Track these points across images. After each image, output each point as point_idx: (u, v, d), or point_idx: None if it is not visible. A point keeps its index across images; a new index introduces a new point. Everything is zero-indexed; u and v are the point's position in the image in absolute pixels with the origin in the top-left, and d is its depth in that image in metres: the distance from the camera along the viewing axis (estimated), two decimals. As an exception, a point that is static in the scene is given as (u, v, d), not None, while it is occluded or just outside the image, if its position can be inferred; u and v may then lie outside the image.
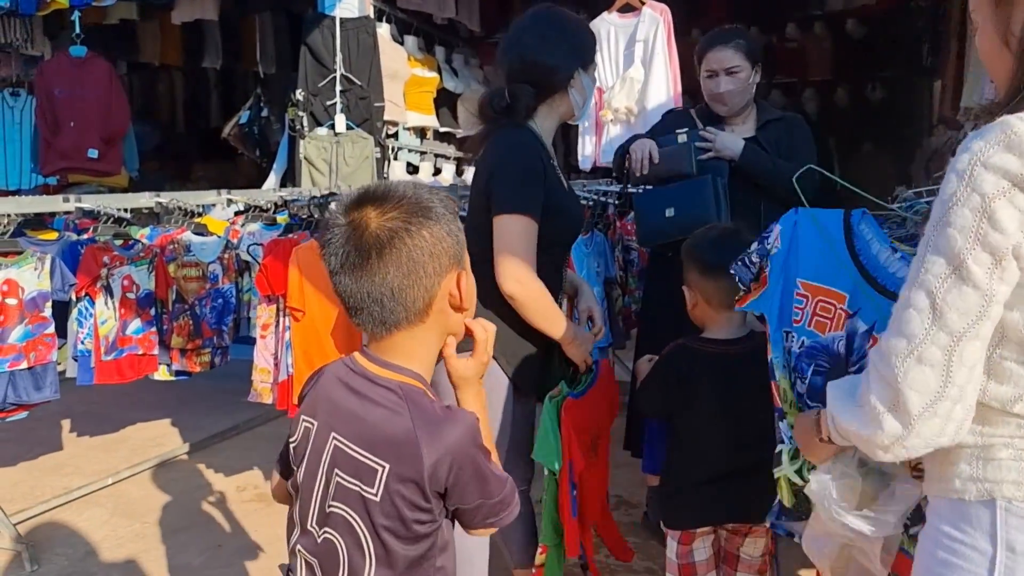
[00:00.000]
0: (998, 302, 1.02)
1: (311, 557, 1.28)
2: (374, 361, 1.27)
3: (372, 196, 1.24)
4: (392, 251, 1.20)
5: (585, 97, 2.19)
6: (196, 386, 4.49)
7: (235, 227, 4.05)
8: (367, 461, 1.22)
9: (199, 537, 3.43)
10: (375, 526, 1.22)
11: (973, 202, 1.01)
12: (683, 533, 2.14)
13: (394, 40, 5.82)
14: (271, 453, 1.54)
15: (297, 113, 5.40)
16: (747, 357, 2.08)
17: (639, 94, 4.07)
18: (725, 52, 2.86)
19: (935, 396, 1.03)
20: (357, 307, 1.23)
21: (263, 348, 3.22)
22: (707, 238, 2.17)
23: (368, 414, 1.24)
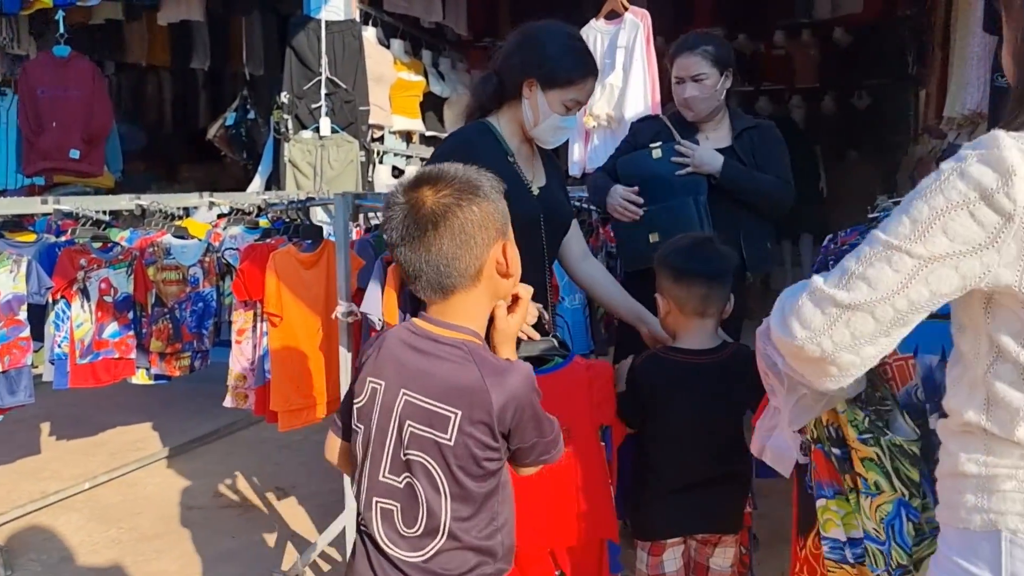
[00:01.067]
0: (909, 298, 1.05)
1: (390, 503, 1.43)
2: (435, 323, 1.43)
3: (427, 177, 1.42)
4: (446, 224, 1.37)
5: (538, 117, 2.17)
6: (177, 390, 4.47)
7: (217, 230, 4.04)
8: (439, 410, 1.38)
9: (176, 543, 3.41)
10: (450, 467, 1.38)
11: (936, 202, 1.03)
12: (653, 544, 2.13)
13: (380, 43, 5.82)
14: (251, 458, 1.61)
15: (282, 116, 5.39)
16: (718, 368, 2.08)
17: (617, 100, 4.07)
18: (691, 59, 2.85)
19: (811, 336, 1.11)
20: (416, 274, 1.41)
21: (239, 353, 3.21)
22: (680, 246, 2.17)
23: (437, 369, 1.40)
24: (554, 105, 2.15)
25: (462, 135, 2.25)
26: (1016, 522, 1.06)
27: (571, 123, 2.23)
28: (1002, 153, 0.99)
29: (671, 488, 2.09)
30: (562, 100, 2.16)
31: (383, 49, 5.82)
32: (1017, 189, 0.98)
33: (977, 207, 1.00)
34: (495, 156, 2.15)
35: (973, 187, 1.00)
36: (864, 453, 1.59)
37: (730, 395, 2.07)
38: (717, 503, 2.13)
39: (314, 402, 3.07)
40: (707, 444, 2.09)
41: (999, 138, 1.01)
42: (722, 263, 2.14)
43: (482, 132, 2.21)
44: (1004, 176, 0.99)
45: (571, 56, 2.17)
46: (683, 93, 2.89)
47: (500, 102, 2.23)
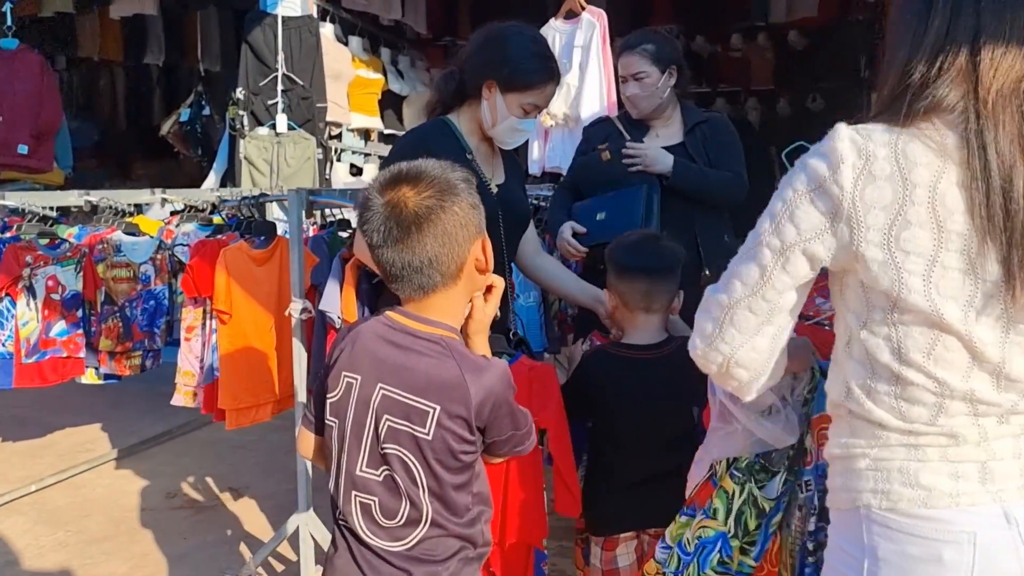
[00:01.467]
0: (774, 288, 1.13)
1: (369, 497, 1.44)
2: (412, 318, 1.45)
3: (406, 177, 1.42)
4: (430, 225, 1.39)
5: (495, 120, 2.16)
6: (128, 390, 4.38)
7: (169, 227, 3.97)
8: (418, 405, 1.40)
9: (125, 545, 3.35)
10: (427, 460, 1.41)
11: (786, 195, 1.13)
12: (607, 539, 2.14)
13: (338, 40, 5.77)
14: (205, 458, 1.61)
15: (237, 112, 5.32)
16: (663, 363, 2.10)
17: (574, 99, 4.09)
18: (631, 57, 2.88)
19: (708, 343, 1.19)
20: (398, 275, 1.42)
21: (187, 351, 3.16)
22: (626, 242, 2.19)
23: (416, 364, 1.41)
24: (512, 108, 2.15)
25: (421, 132, 2.25)
26: (869, 498, 1.12)
27: (529, 126, 2.23)
28: (835, 144, 1.08)
29: (624, 483, 2.11)
30: (520, 103, 2.15)
31: (341, 46, 5.77)
32: (844, 176, 1.07)
33: (815, 195, 1.09)
34: (454, 153, 2.12)
35: (811, 177, 1.10)
36: (726, 484, 1.73)
37: (676, 389, 2.09)
38: (669, 496, 2.14)
39: (263, 401, 3.04)
40: (657, 438, 2.11)
41: (837, 130, 1.10)
42: (664, 259, 2.16)
43: (441, 129, 2.21)
44: (834, 166, 1.08)
45: (532, 60, 2.16)
46: (626, 91, 2.92)
47: (461, 100, 2.24)
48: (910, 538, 1.08)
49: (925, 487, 1.08)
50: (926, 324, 1.07)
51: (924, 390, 1.09)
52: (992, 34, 1.05)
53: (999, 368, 1.07)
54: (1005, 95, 1.05)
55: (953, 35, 1.07)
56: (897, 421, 1.11)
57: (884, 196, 1.06)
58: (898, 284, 1.07)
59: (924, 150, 1.06)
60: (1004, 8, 1.06)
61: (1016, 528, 1.06)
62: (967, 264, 1.05)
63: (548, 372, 2.16)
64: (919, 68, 1.09)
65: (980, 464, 1.08)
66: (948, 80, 1.07)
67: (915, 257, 1.05)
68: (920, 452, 1.10)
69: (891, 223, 1.06)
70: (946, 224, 1.04)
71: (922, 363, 1.08)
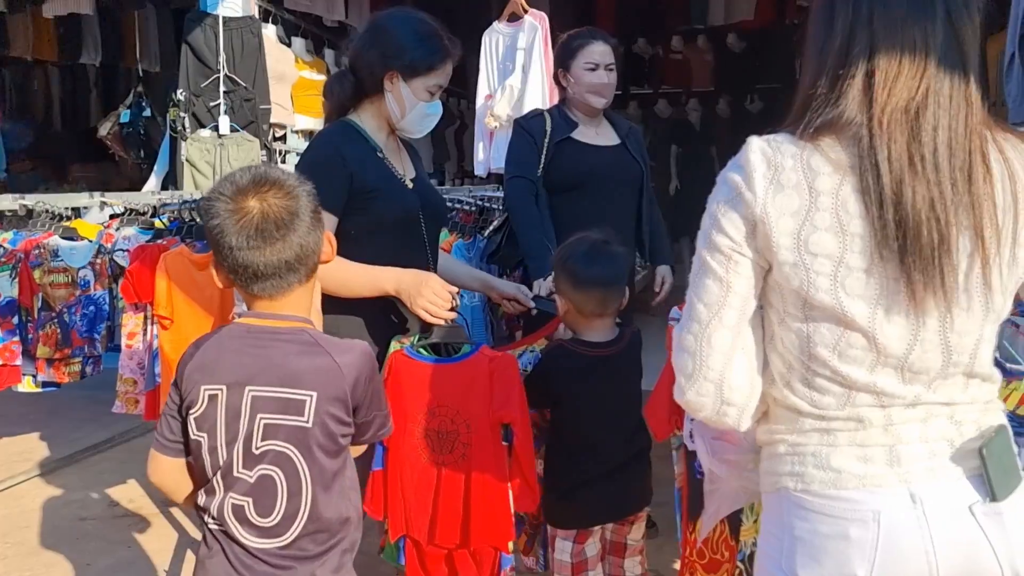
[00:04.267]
0: (737, 293, 1.17)
1: (242, 498, 1.46)
2: (268, 318, 1.49)
3: (264, 180, 1.46)
4: (295, 224, 1.45)
5: (404, 108, 2.15)
6: (67, 397, 4.30)
7: (109, 231, 3.90)
8: (294, 396, 1.45)
9: (67, 556, 3.28)
10: (310, 448, 1.46)
11: (712, 209, 1.18)
12: (579, 532, 2.17)
13: (281, 41, 5.72)
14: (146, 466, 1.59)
15: (178, 114, 5.23)
16: (622, 356, 2.18)
17: (517, 101, 4.14)
18: (606, 48, 2.95)
19: (691, 377, 1.19)
20: (265, 274, 1.45)
21: (128, 358, 3.12)
22: (577, 251, 2.18)
23: (283, 358, 1.46)
24: (419, 93, 2.14)
25: (328, 137, 2.19)
26: (787, 481, 1.18)
27: (436, 109, 2.21)
28: (748, 155, 1.14)
29: (593, 476, 2.15)
30: (426, 87, 2.14)
31: (284, 47, 5.72)
32: (757, 185, 1.13)
33: (735, 203, 1.15)
34: (365, 154, 2.14)
35: (731, 186, 1.15)
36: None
37: (631, 379, 2.19)
38: (634, 483, 2.23)
39: (209, 405, 3.01)
40: (620, 429, 2.17)
41: (751, 142, 1.16)
42: (619, 268, 2.20)
43: (347, 131, 2.17)
44: (747, 176, 1.13)
45: (428, 41, 2.15)
46: (599, 79, 2.93)
47: (359, 99, 2.20)
48: (821, 517, 1.14)
49: (835, 469, 1.14)
50: (833, 321, 1.13)
51: (831, 382, 1.15)
52: (886, 53, 1.11)
53: (902, 362, 1.13)
54: (898, 113, 1.10)
55: (851, 53, 1.13)
56: (810, 407, 1.17)
57: (792, 203, 1.12)
58: (807, 284, 1.12)
59: (825, 162, 1.12)
60: (896, 27, 1.12)
61: (920, 507, 1.12)
62: (869, 264, 1.11)
63: (510, 363, 2.12)
64: (822, 83, 1.15)
65: (887, 448, 1.14)
66: (847, 97, 1.12)
67: (822, 259, 1.11)
68: (831, 437, 1.16)
69: (799, 228, 1.11)
70: (848, 228, 1.10)
71: (827, 358, 1.14)
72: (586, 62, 2.94)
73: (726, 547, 2.15)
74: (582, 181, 2.95)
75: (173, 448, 1.54)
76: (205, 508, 1.50)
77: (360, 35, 2.24)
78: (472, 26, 4.81)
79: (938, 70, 1.11)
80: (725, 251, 1.16)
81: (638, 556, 2.30)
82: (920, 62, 1.11)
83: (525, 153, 2.99)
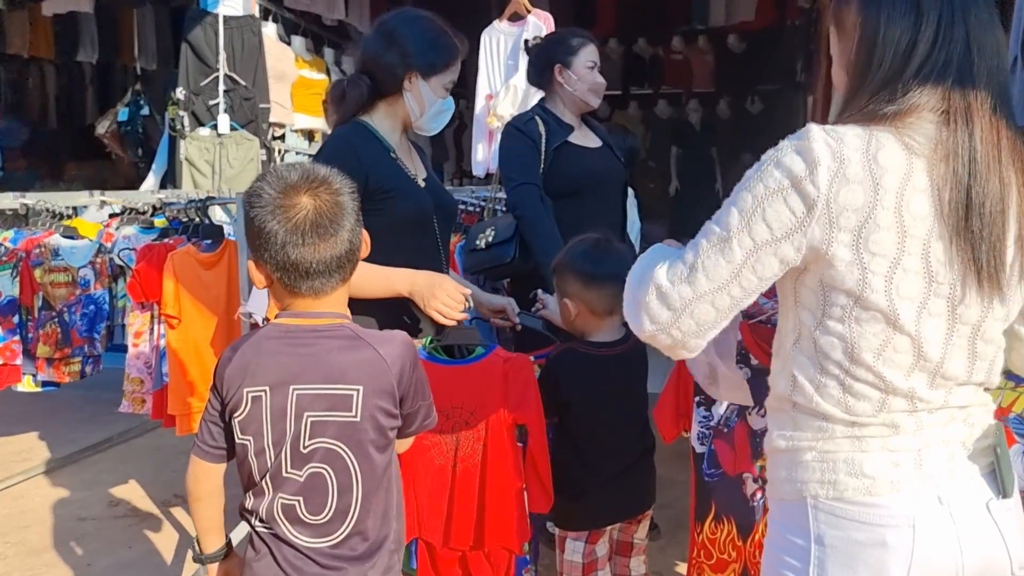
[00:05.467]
0: (742, 286, 1.15)
1: (292, 498, 1.45)
2: (306, 316, 1.48)
3: (316, 178, 1.46)
4: (344, 221, 1.45)
5: (423, 106, 2.18)
6: (67, 397, 4.27)
7: (109, 230, 3.88)
8: (339, 392, 1.43)
9: (66, 556, 3.26)
10: (360, 442, 1.45)
11: (757, 191, 1.13)
12: (591, 533, 2.16)
13: (281, 40, 5.71)
14: (147, 466, 1.59)
15: (178, 112, 5.22)
16: (628, 356, 2.16)
17: (521, 102, 4.13)
18: (595, 48, 2.97)
19: (660, 327, 1.19)
20: (317, 272, 1.44)
21: (135, 357, 3.11)
22: (583, 250, 2.18)
23: (327, 355, 1.44)
24: (437, 91, 2.18)
25: (343, 138, 2.19)
26: (816, 489, 1.16)
27: (450, 105, 2.26)
28: (811, 144, 1.10)
29: (606, 476, 2.14)
30: (442, 84, 2.19)
31: (284, 46, 5.71)
32: (821, 177, 1.09)
33: (788, 194, 1.10)
34: (379, 155, 2.15)
35: (785, 175, 1.11)
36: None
37: (640, 379, 2.18)
38: (643, 482, 2.22)
39: (214, 405, 3.00)
40: (630, 429, 2.16)
41: (811, 130, 1.12)
42: (627, 263, 2.19)
43: (361, 132, 2.18)
44: (811, 166, 1.09)
45: (440, 38, 2.19)
46: (599, 79, 2.94)
47: (374, 101, 2.21)
48: (856, 524, 1.13)
49: (869, 476, 1.14)
50: (882, 323, 1.12)
51: (870, 387, 1.14)
52: (979, 47, 1.13)
53: (937, 368, 1.14)
54: (986, 102, 1.12)
55: (944, 44, 1.12)
56: (842, 414, 1.16)
57: (856, 199, 1.09)
58: (862, 284, 1.10)
59: (894, 153, 1.10)
60: (985, 27, 1.14)
61: (947, 508, 1.13)
62: (924, 267, 1.11)
63: (524, 364, 2.10)
64: (907, 72, 1.13)
65: (915, 452, 1.15)
66: (940, 84, 1.12)
67: (880, 258, 1.10)
68: (864, 443, 1.15)
69: (861, 225, 1.09)
70: (910, 229, 1.10)
71: (872, 363, 1.13)
72: (588, 60, 2.92)
73: (733, 547, 2.14)
74: (582, 186, 2.92)
75: (215, 454, 1.52)
76: (253, 511, 1.48)
77: (371, 40, 2.24)
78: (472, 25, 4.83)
79: (1003, 69, 1.15)
80: (757, 240, 1.12)
81: (642, 555, 2.30)
82: (999, 60, 1.15)
83: (528, 158, 2.88)
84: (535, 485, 2.10)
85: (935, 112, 1.12)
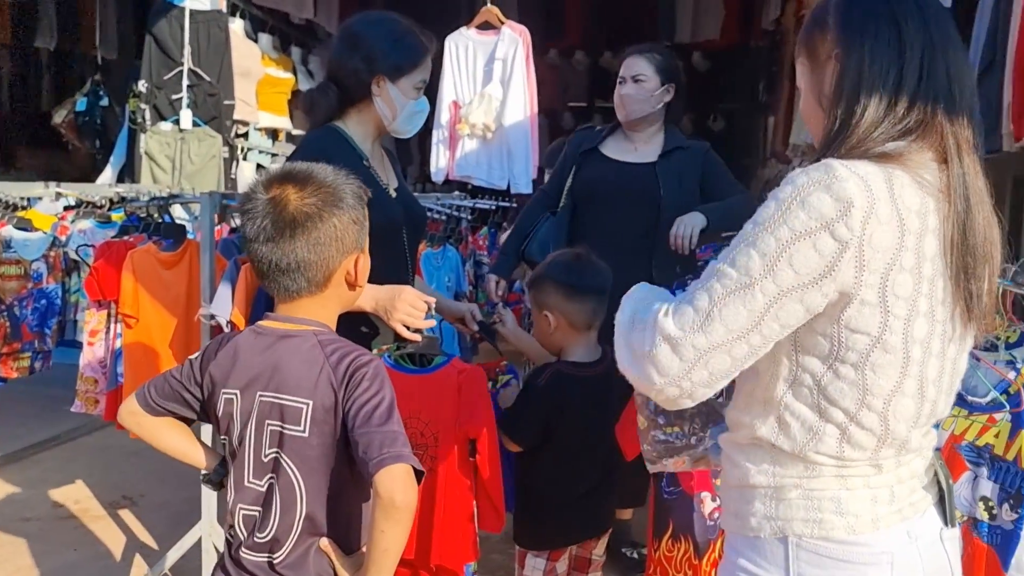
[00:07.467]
0: (762, 334, 1.08)
1: (251, 508, 1.43)
2: (283, 320, 1.46)
3: (294, 176, 1.43)
4: (304, 231, 1.39)
5: (395, 110, 2.15)
6: (13, 393, 4.14)
7: (64, 223, 3.79)
8: (293, 404, 1.40)
9: (9, 558, 3.17)
10: (307, 459, 1.39)
11: (781, 234, 1.05)
12: (553, 551, 2.17)
13: (248, 37, 5.66)
14: (95, 465, 1.57)
15: (139, 105, 5.14)
16: (604, 377, 2.15)
17: (497, 112, 4.14)
18: (636, 59, 2.94)
19: (669, 380, 1.10)
20: (267, 273, 1.43)
21: (90, 356, 3.03)
22: (564, 262, 2.20)
23: (288, 364, 1.41)
24: (407, 92, 2.15)
25: (317, 143, 2.16)
26: (801, 527, 1.14)
27: (424, 105, 2.22)
28: (842, 184, 1.04)
29: (573, 496, 2.15)
30: (412, 85, 2.15)
31: (251, 43, 5.65)
32: (855, 219, 1.03)
33: (819, 237, 1.03)
34: (351, 162, 2.08)
35: (815, 217, 1.03)
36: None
37: (614, 401, 2.16)
38: (607, 501, 2.25)
39: (171, 407, 2.95)
40: (599, 451, 2.17)
41: (835, 167, 1.05)
42: (608, 279, 2.21)
43: (334, 138, 2.15)
44: (844, 207, 1.03)
45: (406, 38, 2.16)
46: (620, 91, 2.95)
47: (344, 108, 2.18)
48: (838, 563, 1.12)
49: (853, 514, 1.13)
50: (896, 367, 1.09)
51: (871, 434, 1.12)
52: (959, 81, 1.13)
53: (932, 408, 1.15)
54: (969, 140, 1.13)
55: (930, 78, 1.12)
56: (833, 462, 1.14)
57: (887, 240, 1.05)
58: (883, 327, 1.07)
59: (913, 193, 1.08)
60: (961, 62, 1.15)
61: (915, 543, 1.15)
62: (929, 307, 1.10)
63: (478, 377, 2.08)
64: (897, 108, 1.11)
65: (889, 488, 1.16)
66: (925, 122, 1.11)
67: (901, 301, 1.07)
68: (848, 482, 1.15)
69: (889, 267, 1.06)
70: (922, 269, 1.08)
71: (881, 409, 1.11)
72: (620, 76, 2.97)
73: (689, 566, 2.17)
74: (591, 194, 2.96)
75: (155, 408, 1.51)
76: (229, 510, 1.47)
77: (336, 45, 2.20)
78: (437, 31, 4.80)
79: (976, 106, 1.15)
80: (783, 289, 1.05)
81: (599, 572, 2.32)
82: (974, 98, 1.15)
83: (559, 166, 3.13)
84: (485, 503, 2.09)
85: (935, 150, 1.11)
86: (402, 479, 1.29)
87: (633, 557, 3.06)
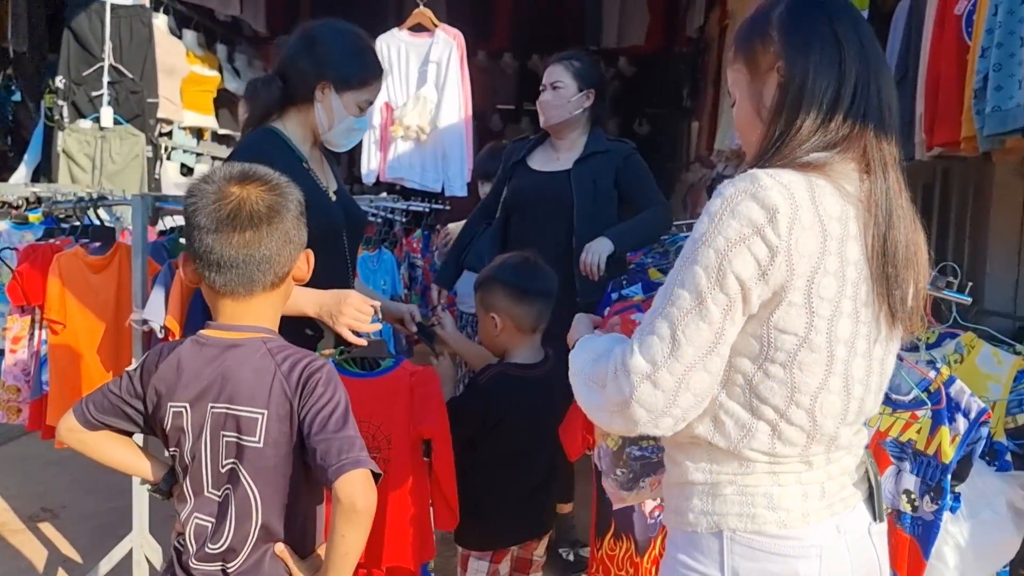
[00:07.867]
0: (726, 342, 1.13)
1: (206, 519, 1.41)
2: (228, 330, 1.44)
3: (255, 175, 1.46)
4: (276, 223, 1.42)
5: (332, 121, 2.14)
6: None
7: (-23, 224, 3.64)
8: (248, 414, 1.38)
9: (-79, 575, 3.03)
10: (262, 470, 1.38)
11: (718, 244, 1.11)
12: (496, 552, 2.19)
13: (172, 33, 5.51)
14: (12, 477, 1.54)
15: (56, 102, 4.95)
16: (547, 379, 2.20)
17: (432, 114, 4.16)
18: (555, 67, 3.00)
19: (659, 413, 1.14)
20: (228, 265, 1.40)
21: (12, 363, 2.92)
22: (512, 265, 2.23)
23: (238, 374, 1.40)
24: (349, 107, 2.13)
25: (254, 144, 2.13)
26: (735, 522, 1.19)
27: (363, 124, 2.22)
28: (765, 192, 1.10)
29: (516, 497, 2.18)
30: (356, 102, 2.14)
31: (175, 39, 5.51)
32: (781, 225, 1.09)
33: (752, 242, 1.10)
34: (290, 164, 2.07)
35: (746, 224, 1.10)
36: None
37: (558, 402, 2.18)
38: (549, 502, 2.28)
39: (100, 416, 2.86)
40: (542, 452, 2.20)
41: (758, 176, 1.12)
42: (554, 281, 2.26)
43: (273, 139, 2.13)
44: (770, 213, 1.09)
45: (362, 56, 2.16)
46: (540, 98, 3.02)
47: (284, 107, 2.16)
48: (771, 556, 1.18)
49: (785, 509, 1.19)
50: (822, 366, 1.15)
51: (800, 431, 1.18)
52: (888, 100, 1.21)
53: (860, 406, 1.21)
54: (894, 157, 1.20)
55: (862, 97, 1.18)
56: (765, 458, 1.20)
57: (810, 245, 1.11)
58: (809, 327, 1.13)
59: (834, 200, 1.14)
60: (891, 83, 1.23)
61: (844, 537, 1.21)
62: (853, 309, 1.17)
63: (430, 378, 2.10)
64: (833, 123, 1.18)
65: (820, 484, 1.22)
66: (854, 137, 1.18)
67: (825, 303, 1.13)
68: (780, 478, 1.20)
69: (814, 271, 1.12)
70: (847, 274, 1.15)
71: (808, 406, 1.17)
72: (542, 83, 3.04)
73: (631, 564, 2.22)
74: (515, 205, 3.02)
75: (92, 423, 1.48)
76: (181, 520, 1.44)
77: (292, 43, 2.18)
78: (368, 31, 4.77)
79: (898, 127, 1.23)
80: (731, 295, 1.11)
81: (540, 572, 2.35)
82: (900, 120, 1.23)
83: (498, 177, 3.22)
84: (440, 502, 2.11)
85: (857, 162, 1.18)
86: (362, 484, 1.31)
87: (569, 559, 3.12)
